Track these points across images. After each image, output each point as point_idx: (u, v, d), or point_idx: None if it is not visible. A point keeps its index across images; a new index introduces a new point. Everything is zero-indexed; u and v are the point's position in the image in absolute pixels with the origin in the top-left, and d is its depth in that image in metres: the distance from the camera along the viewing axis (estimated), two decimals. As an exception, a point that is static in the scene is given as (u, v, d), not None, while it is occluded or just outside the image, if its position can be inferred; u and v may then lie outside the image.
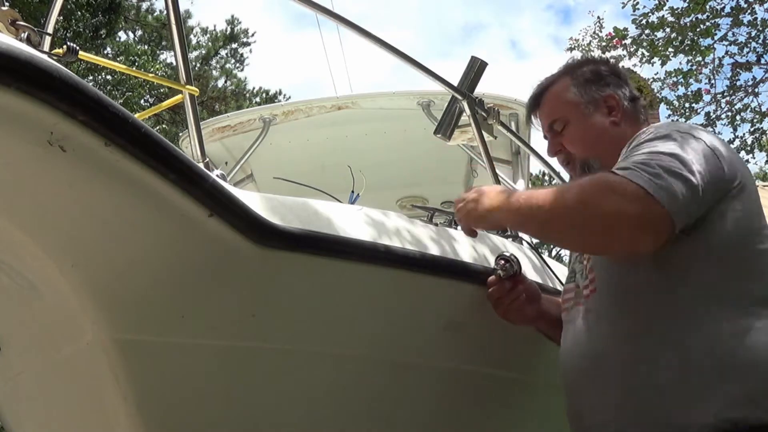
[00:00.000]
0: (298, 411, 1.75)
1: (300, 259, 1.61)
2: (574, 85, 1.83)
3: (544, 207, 1.47)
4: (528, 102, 1.95)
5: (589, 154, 1.79)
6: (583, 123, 1.80)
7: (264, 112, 4.07)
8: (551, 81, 1.89)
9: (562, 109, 1.83)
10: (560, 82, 1.86)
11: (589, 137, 1.80)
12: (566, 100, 1.83)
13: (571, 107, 1.82)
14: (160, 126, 12.29)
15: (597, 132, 1.79)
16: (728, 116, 9.14)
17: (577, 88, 1.83)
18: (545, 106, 1.88)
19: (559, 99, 1.84)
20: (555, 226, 1.51)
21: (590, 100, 1.81)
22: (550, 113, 1.86)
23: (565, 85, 1.85)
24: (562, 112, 1.83)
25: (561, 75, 1.88)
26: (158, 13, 13.94)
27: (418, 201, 4.60)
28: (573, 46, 9.17)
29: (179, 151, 1.40)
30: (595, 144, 1.79)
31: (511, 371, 2.20)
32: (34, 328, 1.60)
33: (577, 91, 1.82)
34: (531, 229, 1.76)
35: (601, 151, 1.77)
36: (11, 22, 1.38)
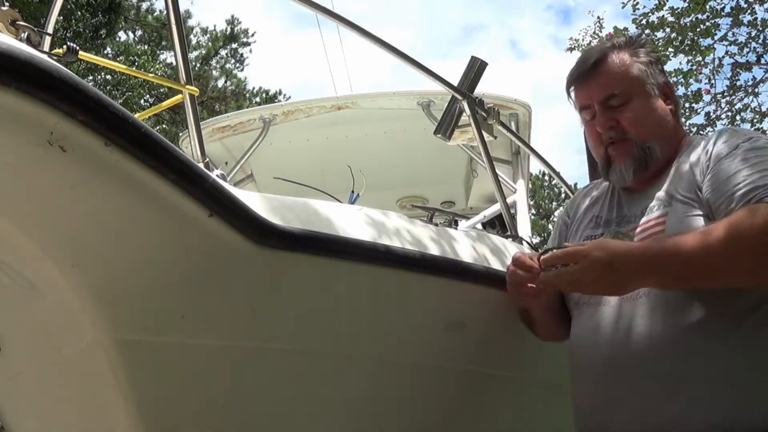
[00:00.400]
0: (298, 411, 1.75)
1: (300, 259, 1.61)
2: (639, 63, 1.72)
3: (717, 254, 1.39)
4: (575, 71, 1.79)
5: (650, 137, 1.69)
6: (648, 103, 1.71)
7: (264, 112, 4.08)
8: (607, 51, 1.74)
9: (627, 83, 1.70)
10: (621, 56, 1.73)
11: (654, 120, 1.70)
12: (631, 75, 1.71)
13: (637, 84, 1.70)
14: (160, 126, 12.29)
15: (661, 116, 1.71)
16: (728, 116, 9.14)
17: (644, 66, 1.72)
18: (602, 77, 1.72)
19: (624, 73, 1.71)
20: (734, 270, 1.42)
21: (655, 82, 1.72)
22: (609, 85, 1.71)
23: (629, 60, 1.72)
24: (626, 87, 1.70)
25: (616, 49, 1.75)
26: (158, 13, 13.95)
27: (418, 201, 4.61)
28: (573, 46, 9.18)
29: (179, 151, 1.40)
30: (657, 128, 1.70)
31: (511, 371, 2.20)
32: (34, 328, 1.60)
33: (644, 69, 1.72)
34: (699, 281, 1.48)
35: (660, 136, 1.70)
36: (11, 22, 1.37)
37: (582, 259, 1.46)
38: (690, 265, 1.43)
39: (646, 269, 1.45)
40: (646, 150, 1.69)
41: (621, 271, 1.45)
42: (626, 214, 1.74)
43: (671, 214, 1.58)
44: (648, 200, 1.67)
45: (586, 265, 1.45)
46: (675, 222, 1.56)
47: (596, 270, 1.44)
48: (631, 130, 1.70)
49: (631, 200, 1.75)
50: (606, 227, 1.75)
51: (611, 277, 1.45)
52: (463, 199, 4.85)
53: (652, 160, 1.69)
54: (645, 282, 1.49)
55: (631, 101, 1.70)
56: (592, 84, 1.74)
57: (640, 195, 1.72)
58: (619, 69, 1.72)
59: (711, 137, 1.66)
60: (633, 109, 1.70)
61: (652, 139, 1.69)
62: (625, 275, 1.45)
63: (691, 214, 1.55)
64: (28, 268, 1.45)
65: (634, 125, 1.69)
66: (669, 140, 1.71)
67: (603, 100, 1.72)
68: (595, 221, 1.81)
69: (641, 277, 1.46)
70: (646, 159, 1.69)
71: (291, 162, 4.14)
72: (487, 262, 2.02)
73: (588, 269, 1.45)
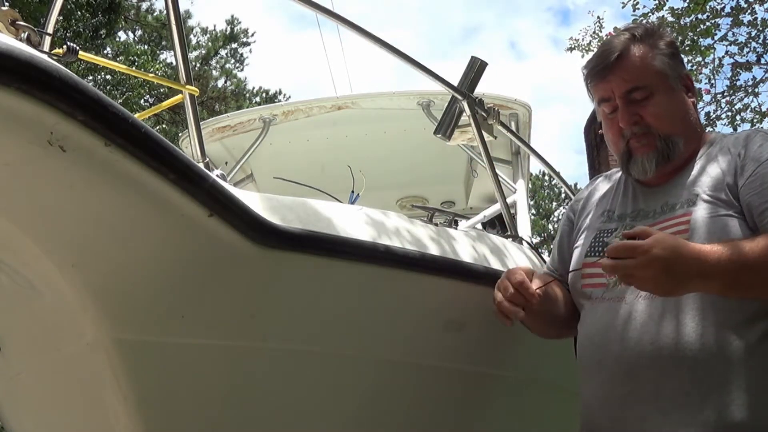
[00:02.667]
0: (297, 410, 1.75)
1: (300, 259, 1.61)
2: (661, 55, 1.69)
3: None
4: (593, 63, 1.75)
5: (674, 130, 1.67)
6: (672, 97, 1.69)
7: (264, 112, 4.07)
8: (628, 44, 1.70)
9: (649, 77, 1.67)
10: (642, 48, 1.69)
11: (678, 113, 1.69)
12: (655, 68, 1.68)
13: (660, 77, 1.68)
14: (160, 126, 12.28)
15: (684, 109, 1.70)
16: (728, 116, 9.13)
17: (666, 58, 1.69)
18: (624, 70, 1.68)
19: (647, 66, 1.68)
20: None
21: (677, 75, 1.70)
22: (631, 79, 1.67)
23: (651, 53, 1.69)
24: (648, 80, 1.67)
25: (640, 40, 1.71)
26: (158, 13, 13.94)
27: (418, 201, 4.61)
28: (573, 46, 9.18)
29: (179, 151, 1.40)
30: (681, 121, 1.69)
31: (512, 371, 2.20)
32: (34, 328, 1.60)
33: (667, 61, 1.69)
34: (762, 291, 1.45)
35: (684, 130, 1.68)
36: (11, 22, 1.37)
37: (641, 255, 1.39)
38: (754, 273, 1.41)
39: (707, 273, 1.40)
40: (670, 144, 1.67)
41: (681, 273, 1.39)
42: (643, 208, 1.71)
43: (696, 214, 1.56)
44: (668, 196, 1.66)
45: (644, 262, 1.38)
46: (700, 222, 1.54)
47: (655, 268, 1.38)
48: (654, 124, 1.67)
49: (649, 194, 1.73)
50: (620, 221, 1.73)
51: (669, 278, 1.39)
52: (463, 199, 4.84)
53: (675, 153, 1.67)
54: (705, 286, 1.44)
55: (653, 95, 1.67)
56: (614, 77, 1.70)
57: (659, 190, 1.70)
58: (641, 62, 1.68)
59: (740, 138, 1.64)
60: (656, 104, 1.67)
61: (676, 134, 1.67)
62: (684, 277, 1.40)
63: (718, 214, 1.53)
64: (28, 268, 1.45)
65: (658, 120, 1.67)
66: (692, 134, 1.70)
67: (625, 93, 1.68)
68: (607, 215, 1.78)
69: (701, 281, 1.41)
70: (669, 152, 1.67)
71: (291, 162, 4.14)
72: (487, 262, 2.02)
73: (646, 267, 1.38)
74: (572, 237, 1.88)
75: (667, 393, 1.50)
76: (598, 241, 1.73)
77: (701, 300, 1.50)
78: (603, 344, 1.62)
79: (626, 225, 1.68)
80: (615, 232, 1.70)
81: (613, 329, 1.60)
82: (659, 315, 1.53)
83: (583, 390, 1.71)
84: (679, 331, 1.51)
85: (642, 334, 1.54)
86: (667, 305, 1.53)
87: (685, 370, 1.49)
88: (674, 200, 1.63)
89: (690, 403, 1.47)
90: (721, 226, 1.51)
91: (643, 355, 1.53)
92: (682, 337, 1.50)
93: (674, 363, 1.50)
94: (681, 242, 1.44)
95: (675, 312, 1.52)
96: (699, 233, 1.52)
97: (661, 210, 1.65)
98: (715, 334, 1.49)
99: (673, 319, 1.52)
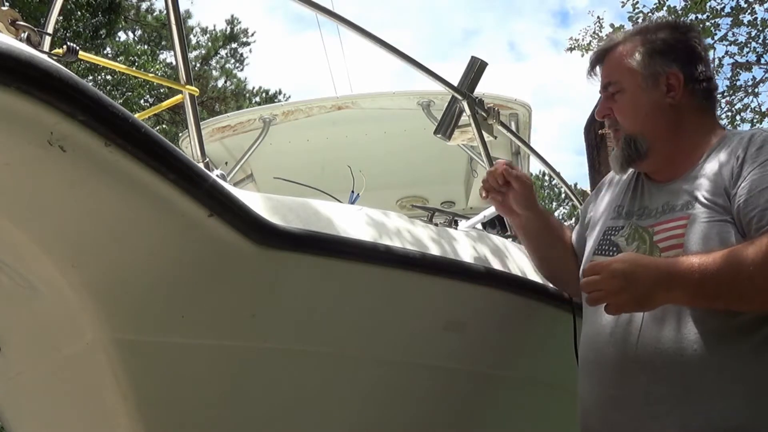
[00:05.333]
0: (297, 410, 1.75)
1: (300, 259, 1.61)
2: (640, 52, 1.71)
3: (746, 278, 1.38)
4: (593, 54, 1.85)
5: (636, 129, 1.70)
6: (636, 96, 1.70)
7: (264, 112, 4.07)
8: (620, 41, 1.77)
9: (619, 74, 1.73)
10: (628, 44, 1.74)
11: (640, 112, 1.70)
12: (626, 66, 1.72)
13: (628, 75, 1.71)
14: (160, 126, 12.29)
15: (649, 109, 1.70)
16: (728, 116, 9.14)
17: (642, 57, 1.71)
18: (606, 64, 1.77)
19: (619, 63, 1.73)
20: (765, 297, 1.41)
21: (651, 73, 1.70)
22: (607, 74, 1.76)
23: (632, 48, 1.73)
24: (618, 77, 1.73)
25: (633, 35, 1.77)
26: (158, 13, 13.94)
27: (418, 201, 4.61)
28: (573, 46, 9.19)
29: (179, 151, 1.40)
30: (645, 121, 1.70)
31: (512, 371, 2.20)
32: (34, 328, 1.60)
33: (640, 60, 1.71)
34: (727, 302, 1.46)
35: (649, 129, 1.69)
36: (11, 22, 1.37)
37: (603, 269, 1.44)
38: (717, 285, 1.41)
39: (669, 283, 1.42)
40: (632, 144, 1.70)
41: (641, 283, 1.42)
42: (647, 206, 1.71)
43: (692, 218, 1.55)
44: (670, 195, 1.65)
45: (606, 276, 1.43)
46: (696, 227, 1.53)
47: (619, 279, 1.42)
48: (620, 120, 1.73)
49: (654, 191, 1.72)
50: (627, 218, 1.73)
51: (633, 289, 1.42)
52: (463, 199, 4.85)
53: (638, 153, 1.69)
54: (670, 297, 1.45)
55: (622, 92, 1.72)
56: (600, 72, 1.80)
57: (664, 187, 1.70)
58: (616, 59, 1.74)
59: (744, 139, 1.61)
60: (623, 100, 1.72)
61: (637, 133, 1.70)
62: (646, 286, 1.42)
63: (714, 220, 1.53)
64: (28, 268, 1.45)
65: (621, 117, 1.73)
66: (665, 134, 1.68)
67: (603, 87, 1.77)
68: (617, 210, 1.79)
69: (665, 290, 1.43)
70: (630, 152, 1.70)
71: (291, 162, 4.14)
72: (487, 262, 2.02)
73: (609, 280, 1.43)
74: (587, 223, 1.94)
75: (658, 398, 1.50)
76: (606, 239, 1.74)
77: (697, 308, 1.50)
78: (600, 346, 1.63)
79: (632, 223, 1.68)
80: (621, 231, 1.70)
81: (611, 332, 1.61)
82: (656, 320, 1.54)
83: (580, 391, 1.72)
84: (673, 336, 1.51)
85: (637, 338, 1.55)
86: (666, 310, 1.53)
87: (678, 375, 1.49)
88: (675, 200, 1.63)
89: (681, 409, 1.47)
90: (717, 232, 1.50)
91: (636, 359, 1.54)
92: (676, 342, 1.50)
93: (667, 368, 1.50)
94: (641, 255, 1.53)
95: (671, 318, 1.52)
96: (694, 238, 1.52)
97: (662, 209, 1.65)
98: (708, 340, 1.48)
99: (668, 325, 1.52)
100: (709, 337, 1.48)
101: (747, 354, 1.47)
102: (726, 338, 1.48)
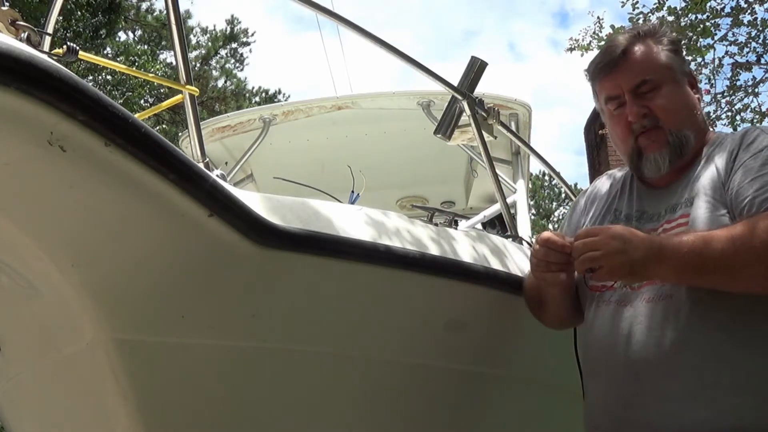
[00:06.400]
0: (297, 410, 1.75)
1: (300, 259, 1.61)
2: (666, 50, 1.69)
3: (731, 254, 1.39)
4: (597, 60, 1.76)
5: (684, 124, 1.66)
6: (679, 90, 1.68)
7: (264, 112, 4.07)
8: (632, 41, 1.70)
9: (656, 70, 1.67)
10: (648, 43, 1.70)
11: (686, 106, 1.68)
12: (661, 62, 1.68)
13: (667, 70, 1.67)
14: (160, 126, 12.29)
15: (693, 104, 1.69)
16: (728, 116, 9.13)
17: (671, 53, 1.69)
18: (631, 64, 1.68)
19: (654, 59, 1.68)
20: (754, 272, 1.42)
21: (682, 70, 1.70)
22: (639, 72, 1.67)
23: (654, 48, 1.69)
24: (656, 73, 1.66)
25: (642, 38, 1.71)
26: (158, 13, 13.94)
27: (418, 201, 4.61)
28: (573, 46, 9.17)
29: (179, 151, 1.40)
30: (690, 116, 1.68)
31: (512, 371, 2.20)
32: (34, 328, 1.60)
33: (671, 56, 1.69)
34: (713, 279, 1.46)
35: (692, 125, 1.67)
36: (11, 22, 1.37)
37: (603, 232, 1.48)
38: (703, 259, 1.42)
39: (659, 255, 1.44)
40: (682, 138, 1.65)
41: (638, 248, 1.44)
42: (647, 210, 1.70)
43: (694, 215, 1.56)
44: (671, 198, 1.65)
45: (605, 237, 1.46)
46: (699, 221, 1.54)
47: (617, 241, 1.45)
48: (663, 116, 1.65)
49: (653, 196, 1.72)
50: (627, 222, 1.71)
51: (630, 253, 1.44)
52: (463, 199, 4.85)
53: (688, 148, 1.66)
54: (659, 267, 1.46)
55: (661, 88, 1.66)
56: (621, 72, 1.69)
57: (663, 192, 1.69)
58: (647, 56, 1.68)
59: (738, 134, 1.63)
60: (664, 96, 1.66)
61: (686, 127, 1.66)
62: (642, 254, 1.44)
63: (715, 215, 1.53)
64: (28, 268, 1.45)
65: (666, 112, 1.65)
66: (700, 130, 1.68)
67: (633, 87, 1.67)
68: (615, 214, 1.78)
69: (656, 262, 1.45)
70: (681, 147, 1.65)
71: (291, 162, 4.14)
72: (487, 262, 2.02)
73: (608, 240, 1.45)
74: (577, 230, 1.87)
75: (671, 395, 1.50)
76: None
77: (704, 303, 1.50)
78: (609, 347, 1.62)
79: (632, 225, 1.67)
80: None
81: (618, 332, 1.60)
82: (663, 318, 1.53)
83: (588, 392, 1.72)
84: (684, 333, 1.51)
85: (647, 337, 1.54)
86: (670, 308, 1.53)
87: (690, 372, 1.49)
88: (676, 201, 1.63)
89: (695, 406, 1.47)
90: (719, 226, 1.50)
91: (647, 357, 1.53)
92: (687, 339, 1.50)
93: (679, 365, 1.50)
94: (634, 232, 1.51)
95: (679, 315, 1.52)
96: None
97: (664, 212, 1.65)
98: (719, 336, 1.48)
99: (677, 322, 1.52)
100: (720, 333, 1.48)
101: (760, 349, 1.46)
102: (737, 334, 1.48)
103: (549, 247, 1.63)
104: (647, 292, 1.58)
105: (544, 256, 1.64)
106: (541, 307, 1.87)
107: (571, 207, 2.03)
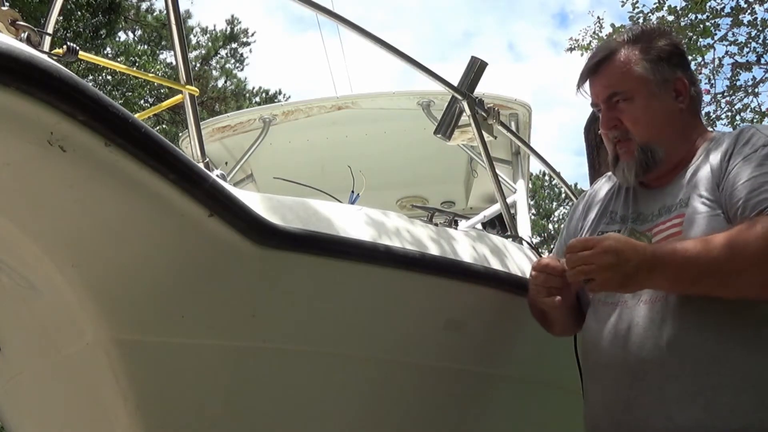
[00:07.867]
0: (297, 411, 1.75)
1: (300, 259, 1.61)
2: (646, 60, 1.68)
3: (723, 262, 1.39)
4: (585, 67, 1.78)
5: (652, 138, 1.67)
6: (650, 103, 1.67)
7: (264, 112, 4.07)
8: (616, 48, 1.72)
9: (628, 82, 1.68)
10: (628, 52, 1.70)
11: (656, 120, 1.67)
12: (635, 74, 1.68)
13: (639, 83, 1.67)
14: (160, 126, 12.30)
15: (664, 116, 1.68)
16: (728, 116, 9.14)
17: (649, 64, 1.68)
18: (606, 74, 1.71)
19: (627, 71, 1.68)
20: (748, 278, 1.42)
21: (661, 79, 1.68)
22: (611, 84, 1.70)
23: (634, 56, 1.69)
24: (627, 86, 1.68)
25: (630, 43, 1.72)
26: (158, 13, 13.93)
27: (418, 201, 4.61)
28: (573, 47, 9.18)
29: (179, 151, 1.40)
30: (661, 129, 1.67)
31: (512, 371, 2.20)
32: (34, 328, 1.60)
33: (648, 67, 1.68)
34: (707, 286, 1.46)
35: (665, 136, 1.67)
36: (11, 22, 1.37)
37: (597, 244, 1.46)
38: (697, 267, 1.42)
39: (651, 265, 1.44)
40: (648, 152, 1.67)
41: (630, 262, 1.43)
42: (642, 211, 1.71)
43: (688, 215, 1.56)
44: (666, 199, 1.65)
45: (598, 251, 1.45)
46: (693, 222, 1.54)
47: (610, 255, 1.44)
48: (632, 129, 1.68)
49: (647, 197, 1.72)
50: (622, 223, 1.72)
51: (621, 267, 1.43)
52: (463, 199, 4.85)
53: (654, 162, 1.67)
54: (651, 278, 1.46)
55: (632, 100, 1.68)
56: (597, 83, 1.74)
57: (658, 193, 1.70)
58: (621, 68, 1.70)
59: (734, 134, 1.63)
60: (634, 109, 1.68)
61: (654, 140, 1.67)
62: (633, 267, 1.43)
63: (710, 215, 1.53)
64: (28, 268, 1.45)
65: (635, 125, 1.68)
66: (677, 140, 1.68)
67: (606, 99, 1.71)
68: (610, 216, 1.79)
69: (646, 272, 1.44)
70: (647, 161, 1.67)
71: (291, 162, 4.14)
72: (487, 262, 2.02)
73: (601, 255, 1.45)
74: (576, 234, 1.88)
75: (671, 396, 1.50)
76: None
77: (702, 303, 1.50)
78: (607, 348, 1.62)
79: (628, 227, 1.67)
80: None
81: (617, 334, 1.60)
82: (661, 319, 1.54)
83: (588, 393, 1.72)
84: (682, 334, 1.51)
85: (645, 339, 1.55)
86: (668, 309, 1.53)
87: (688, 373, 1.49)
88: (670, 202, 1.64)
89: (695, 407, 1.47)
90: (713, 226, 1.50)
91: (645, 359, 1.53)
92: (685, 340, 1.50)
93: (678, 366, 1.50)
94: (629, 237, 1.51)
95: (676, 315, 1.52)
96: (691, 234, 1.52)
97: (658, 213, 1.65)
98: (717, 337, 1.48)
99: (675, 323, 1.52)
100: (719, 334, 1.49)
101: (758, 349, 1.46)
102: (735, 334, 1.48)
103: (548, 273, 1.64)
104: (645, 294, 1.58)
105: (543, 282, 1.66)
106: (548, 323, 1.88)
107: (569, 212, 2.04)
